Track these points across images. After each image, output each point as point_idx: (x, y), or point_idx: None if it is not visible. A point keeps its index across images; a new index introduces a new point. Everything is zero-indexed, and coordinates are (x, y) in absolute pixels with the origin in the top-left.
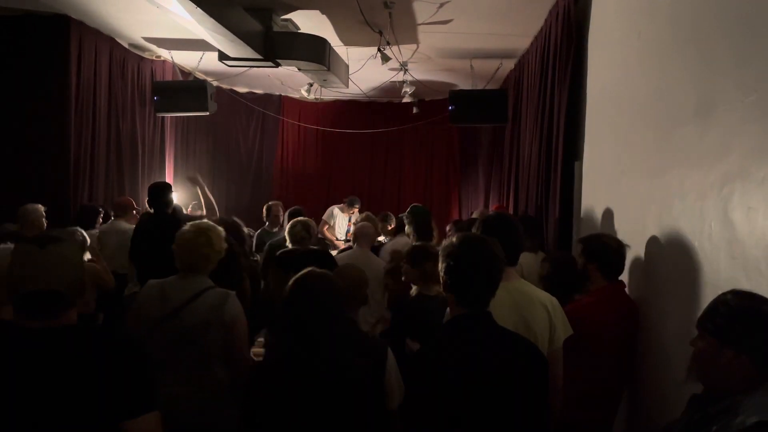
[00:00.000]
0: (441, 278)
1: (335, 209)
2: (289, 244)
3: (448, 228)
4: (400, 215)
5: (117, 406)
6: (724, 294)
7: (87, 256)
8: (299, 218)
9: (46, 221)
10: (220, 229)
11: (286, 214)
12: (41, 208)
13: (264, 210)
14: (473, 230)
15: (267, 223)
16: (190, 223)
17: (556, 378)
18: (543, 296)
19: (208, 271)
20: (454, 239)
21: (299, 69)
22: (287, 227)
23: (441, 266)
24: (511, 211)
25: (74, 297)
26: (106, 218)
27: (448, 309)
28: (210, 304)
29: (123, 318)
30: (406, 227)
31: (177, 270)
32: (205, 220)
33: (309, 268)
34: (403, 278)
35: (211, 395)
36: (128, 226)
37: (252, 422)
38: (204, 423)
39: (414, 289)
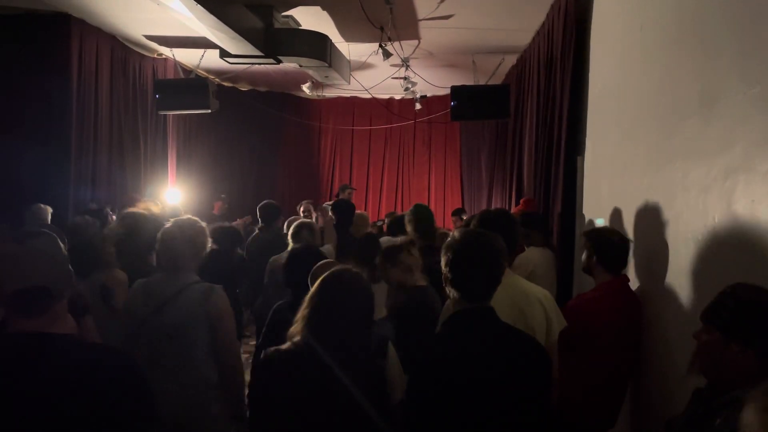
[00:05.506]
0: (443, 273)
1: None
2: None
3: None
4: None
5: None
6: (729, 287)
7: None
8: (302, 221)
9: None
10: (202, 224)
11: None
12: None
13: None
14: (471, 225)
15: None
16: (172, 220)
17: (552, 370)
18: (537, 291)
19: (193, 267)
20: (455, 233)
21: (300, 65)
22: (290, 232)
23: (443, 260)
24: (514, 206)
25: (61, 289)
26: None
27: (447, 304)
28: (194, 299)
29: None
30: (408, 227)
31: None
32: (187, 216)
33: (342, 267)
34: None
35: (197, 392)
36: None
37: (259, 413)
38: (190, 420)
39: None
